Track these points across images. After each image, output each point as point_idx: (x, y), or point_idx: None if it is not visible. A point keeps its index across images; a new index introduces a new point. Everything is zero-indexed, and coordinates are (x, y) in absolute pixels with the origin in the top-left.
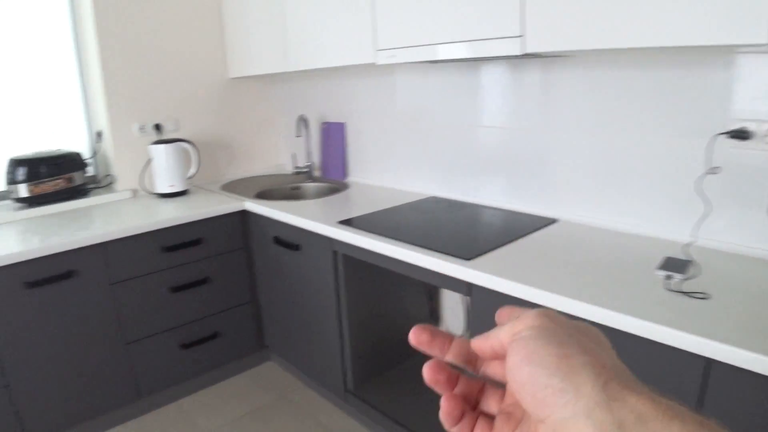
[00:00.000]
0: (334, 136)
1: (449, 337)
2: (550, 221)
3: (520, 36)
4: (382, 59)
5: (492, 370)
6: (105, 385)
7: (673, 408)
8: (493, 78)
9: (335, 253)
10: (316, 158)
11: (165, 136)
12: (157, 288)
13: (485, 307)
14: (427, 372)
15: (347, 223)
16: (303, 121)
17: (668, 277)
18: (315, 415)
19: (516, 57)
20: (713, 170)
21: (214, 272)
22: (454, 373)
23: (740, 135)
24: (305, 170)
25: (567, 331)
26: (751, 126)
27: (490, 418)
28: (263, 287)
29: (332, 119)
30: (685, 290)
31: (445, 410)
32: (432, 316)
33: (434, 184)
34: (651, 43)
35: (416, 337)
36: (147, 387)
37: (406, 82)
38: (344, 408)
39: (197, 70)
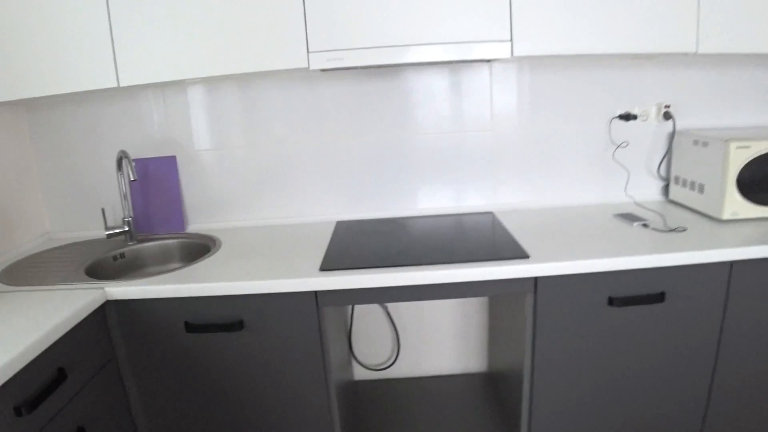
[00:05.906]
0: (159, 176)
1: None
2: (488, 213)
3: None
4: (319, 63)
5: None
6: None
7: None
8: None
9: (318, 305)
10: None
11: None
12: None
13: (552, 298)
14: None
15: (332, 267)
16: (120, 160)
17: (645, 225)
18: None
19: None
20: (623, 144)
21: (87, 416)
22: None
23: (627, 117)
24: (125, 229)
25: None
26: (633, 110)
27: None
28: (159, 410)
29: (146, 154)
30: (671, 228)
31: None
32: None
33: (323, 208)
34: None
35: None
36: None
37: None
38: None
39: None
